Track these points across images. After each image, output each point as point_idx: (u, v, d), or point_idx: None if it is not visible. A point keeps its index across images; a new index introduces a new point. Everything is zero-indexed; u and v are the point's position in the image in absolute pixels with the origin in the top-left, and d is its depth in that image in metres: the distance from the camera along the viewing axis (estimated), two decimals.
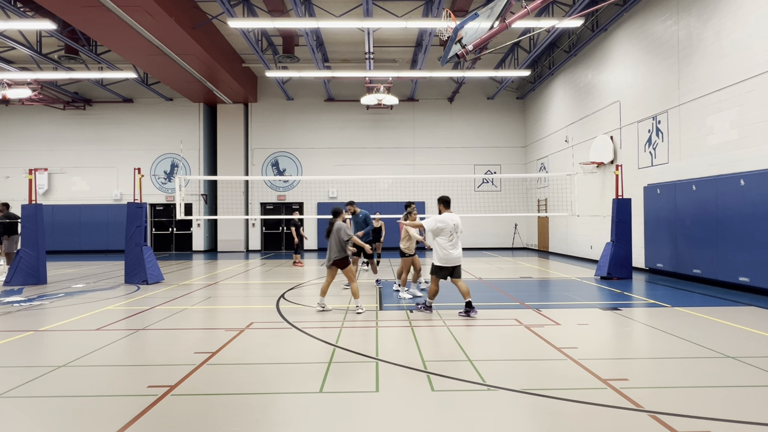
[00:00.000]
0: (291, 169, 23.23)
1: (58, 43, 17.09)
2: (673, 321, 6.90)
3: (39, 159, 22.93)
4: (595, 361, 5.02)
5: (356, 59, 19.99)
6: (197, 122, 23.03)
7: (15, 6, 13.19)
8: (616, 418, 3.64)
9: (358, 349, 5.51)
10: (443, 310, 7.79)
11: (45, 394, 4.21)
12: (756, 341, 5.74)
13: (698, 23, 10.97)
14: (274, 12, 14.84)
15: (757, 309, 7.73)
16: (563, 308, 7.99)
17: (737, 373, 4.59)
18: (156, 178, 23.04)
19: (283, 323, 6.99)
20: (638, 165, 13.44)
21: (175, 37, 14.20)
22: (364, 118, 23.29)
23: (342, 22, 13.91)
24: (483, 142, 23.50)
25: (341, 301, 8.84)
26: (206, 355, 5.29)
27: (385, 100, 17.98)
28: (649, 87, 12.93)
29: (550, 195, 20.07)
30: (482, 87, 23.18)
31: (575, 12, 13.39)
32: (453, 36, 7.94)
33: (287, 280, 11.91)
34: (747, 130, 9.60)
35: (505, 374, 4.62)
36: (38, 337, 6.28)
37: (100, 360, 5.21)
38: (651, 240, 12.49)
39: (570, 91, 18.02)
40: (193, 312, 7.91)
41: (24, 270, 11.25)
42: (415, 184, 22.69)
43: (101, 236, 22.20)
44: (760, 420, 3.54)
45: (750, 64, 9.49)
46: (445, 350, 5.49)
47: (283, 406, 3.94)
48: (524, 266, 15.07)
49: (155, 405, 3.92)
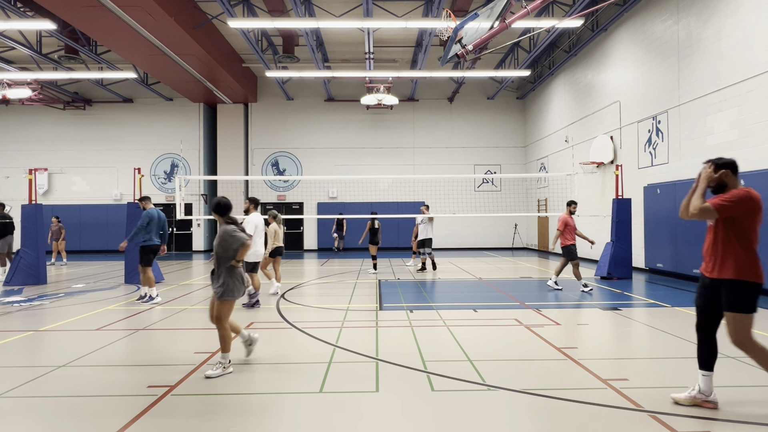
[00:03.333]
0: (291, 169, 23.23)
1: (58, 43, 17.09)
2: (673, 321, 6.90)
3: (39, 159, 22.92)
4: (595, 361, 5.02)
5: (356, 59, 19.99)
6: (197, 122, 23.03)
7: (15, 6, 13.19)
8: (616, 418, 3.64)
9: (358, 349, 5.51)
10: (443, 310, 7.79)
11: (45, 394, 4.20)
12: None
13: (698, 23, 10.97)
14: (274, 12, 14.83)
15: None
16: (563, 308, 7.99)
17: (737, 373, 4.59)
18: (156, 178, 23.04)
19: (283, 323, 6.99)
20: (638, 165, 13.44)
21: (175, 37, 14.20)
22: (364, 118, 23.29)
23: (342, 22, 13.91)
24: (483, 142, 23.50)
25: (341, 301, 8.84)
26: (206, 355, 5.29)
27: (385, 100, 17.98)
28: (649, 87, 12.93)
29: (550, 195, 20.07)
30: (482, 87, 23.18)
31: (575, 12, 13.39)
32: (453, 36, 7.94)
33: (287, 280, 11.91)
34: (747, 130, 9.61)
35: (505, 374, 4.62)
36: (38, 337, 6.28)
37: (100, 360, 5.21)
38: (651, 240, 12.49)
39: (570, 91, 18.02)
40: (193, 312, 7.91)
41: (24, 270, 11.25)
42: (415, 184, 22.69)
43: (101, 236, 22.19)
44: (760, 420, 3.54)
45: (750, 64, 9.49)
46: (445, 350, 5.48)
47: (283, 406, 3.94)
48: (524, 266, 15.07)
49: (155, 405, 3.92)
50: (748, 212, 3.54)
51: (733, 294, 3.52)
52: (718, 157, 3.75)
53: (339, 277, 12.58)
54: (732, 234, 3.56)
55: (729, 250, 3.56)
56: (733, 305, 3.51)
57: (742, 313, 3.49)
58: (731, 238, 3.56)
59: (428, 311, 7.81)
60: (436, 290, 10.31)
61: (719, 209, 3.55)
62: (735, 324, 3.51)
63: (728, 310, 3.54)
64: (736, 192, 3.58)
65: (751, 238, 3.56)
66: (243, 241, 4.79)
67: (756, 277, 3.51)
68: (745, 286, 3.50)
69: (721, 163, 3.68)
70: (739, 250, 3.54)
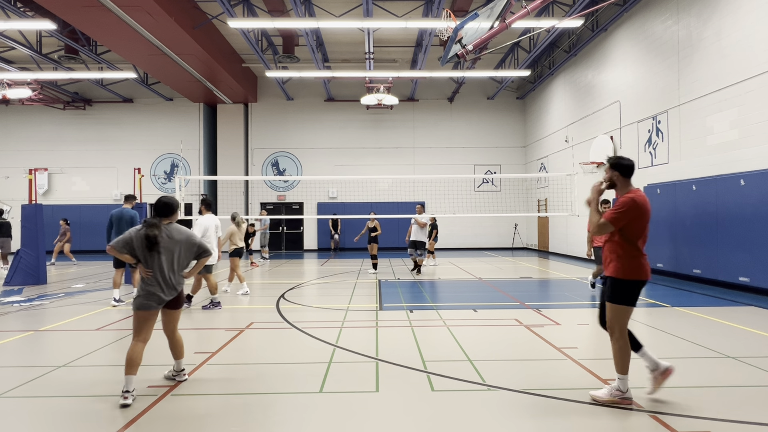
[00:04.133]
0: (291, 169, 23.23)
1: (58, 43, 17.09)
2: (673, 321, 6.90)
3: (39, 159, 22.92)
4: (595, 361, 5.02)
5: (356, 59, 19.99)
6: (197, 122, 23.03)
7: (15, 6, 13.19)
8: (616, 418, 3.64)
9: (358, 349, 5.51)
10: (443, 310, 7.78)
11: (45, 394, 4.20)
12: (756, 341, 5.74)
13: (698, 23, 10.97)
14: (274, 12, 14.83)
15: (757, 309, 7.73)
16: (563, 308, 7.99)
17: (737, 373, 4.59)
18: (156, 178, 23.04)
19: (283, 323, 6.99)
20: (638, 165, 13.43)
21: (175, 37, 14.20)
22: (364, 118, 23.29)
23: (342, 22, 13.91)
24: (483, 142, 23.50)
25: (341, 301, 8.84)
26: (206, 355, 5.29)
27: (385, 100, 17.98)
28: (649, 87, 12.93)
29: (550, 195, 20.07)
30: (482, 87, 23.18)
31: (575, 12, 13.38)
32: (453, 36, 7.94)
33: (287, 280, 11.91)
34: (747, 130, 9.60)
35: (505, 374, 4.62)
36: (38, 337, 6.28)
37: (100, 360, 5.21)
38: (651, 240, 12.35)
39: (570, 91, 18.02)
40: (193, 312, 7.91)
41: (24, 270, 11.25)
42: (415, 184, 22.69)
43: (101, 236, 22.08)
44: (760, 420, 3.54)
45: (750, 64, 9.49)
46: (445, 350, 5.48)
47: (283, 406, 3.94)
48: (524, 266, 15.07)
49: (155, 405, 3.92)
50: (635, 218, 3.79)
51: (612, 288, 3.86)
52: (616, 156, 4.03)
53: (339, 277, 12.57)
54: (619, 237, 3.84)
55: (614, 252, 3.87)
56: (612, 297, 3.86)
57: (619, 305, 3.83)
58: (619, 240, 3.85)
59: (428, 311, 7.81)
60: (436, 290, 10.31)
61: (613, 221, 3.81)
62: (612, 313, 3.86)
63: (608, 302, 3.89)
64: (622, 200, 3.83)
65: (636, 240, 3.82)
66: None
67: (635, 276, 3.80)
68: (623, 283, 3.81)
69: (612, 163, 3.99)
70: (622, 253, 3.83)
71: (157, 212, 4.25)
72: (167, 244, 4.14)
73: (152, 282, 4.08)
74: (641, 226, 3.81)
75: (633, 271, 3.79)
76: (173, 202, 4.31)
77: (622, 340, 3.86)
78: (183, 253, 4.23)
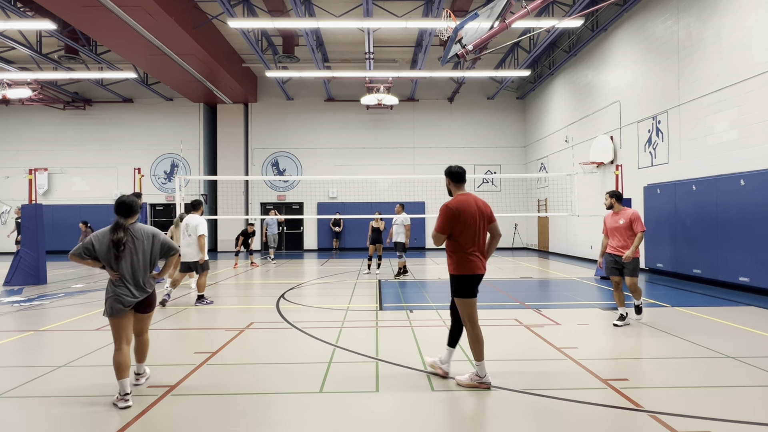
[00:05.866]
0: (291, 169, 23.23)
1: (58, 43, 17.09)
2: (673, 321, 6.91)
3: (39, 159, 22.92)
4: (595, 361, 5.02)
5: (356, 59, 19.99)
6: (197, 122, 23.03)
7: (15, 6, 13.19)
8: (616, 418, 3.64)
9: (358, 349, 5.51)
10: (443, 310, 7.78)
11: (45, 394, 4.21)
12: (756, 341, 5.74)
13: (698, 23, 10.97)
14: (274, 12, 14.84)
15: (757, 309, 7.73)
16: (563, 308, 7.99)
17: (737, 373, 4.59)
18: (156, 178, 23.04)
19: (283, 323, 6.99)
20: (638, 165, 13.44)
21: (175, 37, 14.20)
22: (364, 118, 23.29)
23: (342, 22, 13.91)
24: (483, 142, 23.50)
25: (341, 301, 8.84)
26: (206, 355, 5.29)
27: (385, 100, 17.98)
28: (649, 87, 12.93)
29: (550, 195, 20.08)
30: (482, 87, 23.18)
31: (575, 12, 13.39)
32: (453, 36, 7.94)
33: (287, 280, 11.91)
34: (747, 130, 9.60)
35: (505, 374, 4.62)
36: (38, 337, 6.28)
37: (100, 360, 5.21)
38: (651, 240, 12.49)
39: (570, 91, 18.02)
40: (193, 312, 7.91)
41: (24, 270, 11.25)
42: (415, 184, 22.69)
43: None
44: (760, 420, 3.54)
45: (750, 64, 9.49)
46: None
47: (283, 406, 3.94)
48: (524, 266, 15.07)
49: (155, 405, 3.92)
50: (453, 224, 4.27)
51: (452, 284, 4.40)
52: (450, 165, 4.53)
53: (339, 277, 12.57)
54: (449, 240, 4.37)
55: (447, 253, 4.43)
56: (454, 292, 4.39)
57: (461, 298, 4.33)
58: (449, 243, 4.37)
59: (428, 311, 7.81)
60: (436, 290, 10.31)
61: (440, 231, 4.31)
62: (459, 306, 4.38)
63: (453, 296, 4.42)
64: (441, 210, 4.32)
65: (460, 240, 4.29)
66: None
67: (465, 271, 4.29)
68: (458, 279, 4.32)
69: (446, 171, 4.54)
70: (451, 252, 4.36)
71: (118, 213, 4.10)
72: (132, 245, 4.05)
73: (120, 284, 4.02)
74: (459, 228, 4.26)
75: (462, 268, 4.29)
76: (134, 202, 4.14)
77: (473, 331, 4.32)
78: (149, 252, 4.14)
